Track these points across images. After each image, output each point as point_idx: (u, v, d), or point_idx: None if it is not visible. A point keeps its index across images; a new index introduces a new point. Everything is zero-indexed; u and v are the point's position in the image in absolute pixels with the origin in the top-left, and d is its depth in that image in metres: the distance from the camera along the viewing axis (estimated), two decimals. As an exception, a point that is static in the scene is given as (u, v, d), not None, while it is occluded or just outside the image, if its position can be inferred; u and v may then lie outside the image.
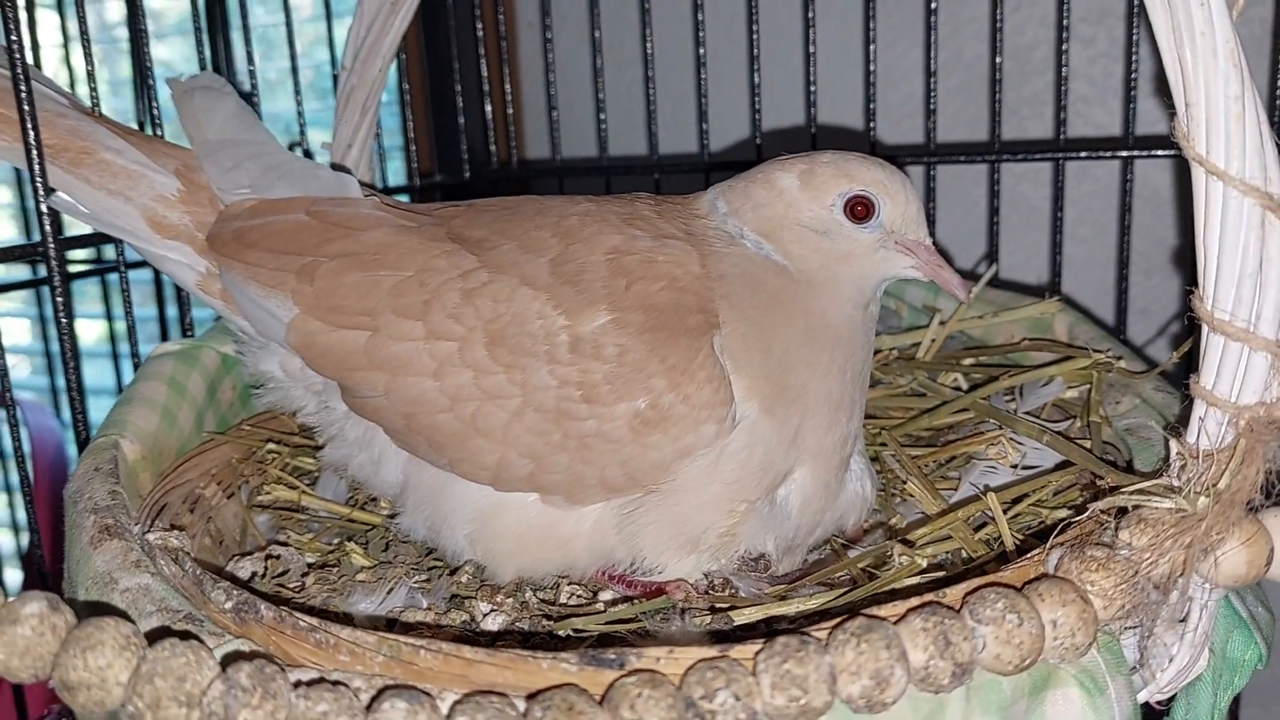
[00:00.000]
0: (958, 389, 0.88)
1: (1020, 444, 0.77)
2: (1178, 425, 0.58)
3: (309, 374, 0.74)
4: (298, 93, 1.11)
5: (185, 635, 0.48)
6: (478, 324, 0.68)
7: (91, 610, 0.54)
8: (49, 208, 0.78)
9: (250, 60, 1.08)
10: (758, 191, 0.74)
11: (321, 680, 0.46)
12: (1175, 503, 0.53)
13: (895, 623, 0.49)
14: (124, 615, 0.50)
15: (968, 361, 0.91)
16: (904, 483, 0.77)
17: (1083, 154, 1.03)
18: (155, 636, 0.47)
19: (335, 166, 0.95)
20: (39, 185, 0.76)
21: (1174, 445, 0.57)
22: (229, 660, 0.46)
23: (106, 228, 0.77)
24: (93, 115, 0.79)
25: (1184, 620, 0.58)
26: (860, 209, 0.72)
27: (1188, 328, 0.57)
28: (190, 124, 0.80)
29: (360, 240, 0.72)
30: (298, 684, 0.46)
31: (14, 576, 1.95)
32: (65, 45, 1.40)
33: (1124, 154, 1.02)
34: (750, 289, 0.71)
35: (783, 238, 0.73)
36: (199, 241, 0.76)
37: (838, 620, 0.49)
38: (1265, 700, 1.31)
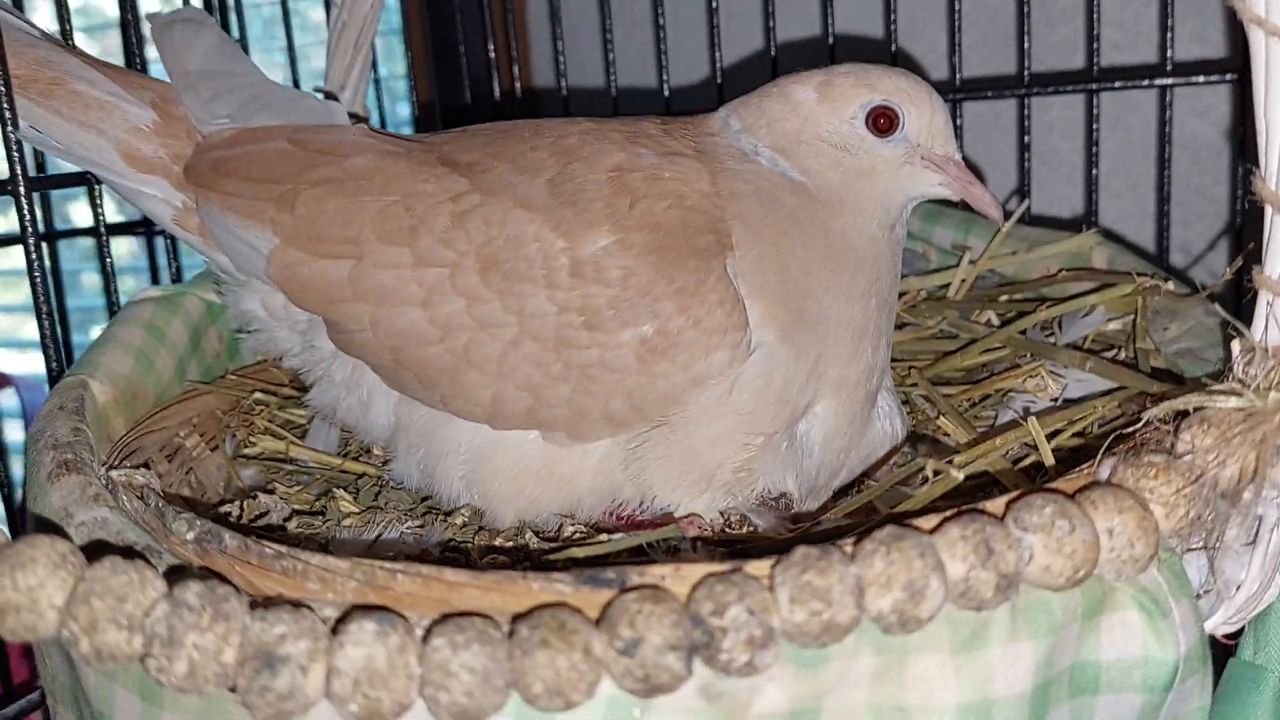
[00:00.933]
0: (991, 327, 0.82)
1: (1061, 375, 0.71)
2: (1239, 325, 0.51)
3: (292, 311, 0.70)
4: (290, 47, 1.06)
5: (130, 554, 0.42)
6: (469, 249, 0.63)
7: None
8: (19, 142, 0.73)
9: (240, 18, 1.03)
10: (772, 106, 0.69)
11: (280, 599, 0.41)
12: (1244, 399, 0.47)
13: (930, 532, 0.44)
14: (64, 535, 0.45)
15: (1002, 299, 0.85)
16: (936, 420, 0.71)
17: (1117, 84, 0.97)
18: (96, 554, 0.42)
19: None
20: (6, 117, 0.71)
21: (1237, 344, 0.51)
22: (176, 578, 0.41)
23: (79, 161, 0.73)
24: (65, 46, 0.75)
25: (1253, 543, 0.52)
26: (883, 121, 0.67)
27: (1242, 228, 0.51)
28: (170, 57, 0.75)
29: (344, 166, 0.67)
30: (254, 604, 0.41)
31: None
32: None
33: (1161, 82, 0.95)
34: (765, 208, 0.66)
35: (800, 154, 0.67)
36: (175, 175, 0.72)
37: (863, 530, 0.44)
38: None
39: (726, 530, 0.62)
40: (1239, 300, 0.51)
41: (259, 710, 0.39)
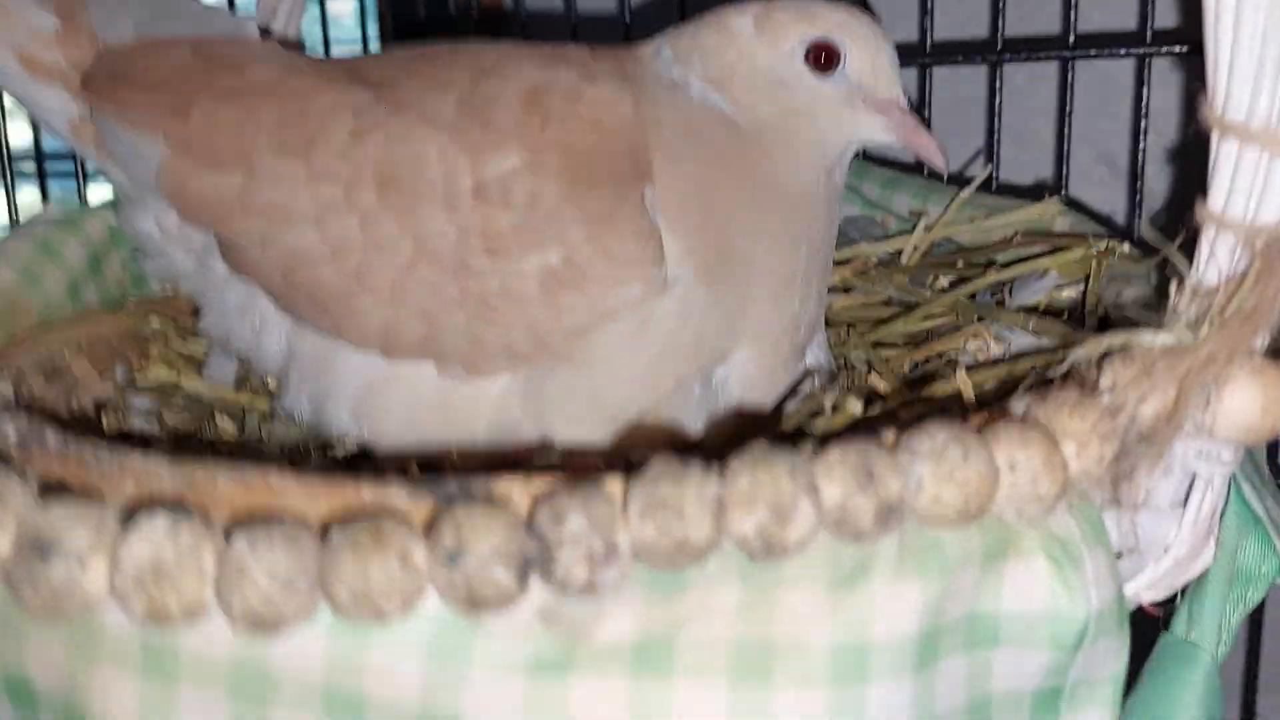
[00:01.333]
0: (942, 292, 0.77)
1: (1005, 338, 0.67)
2: (1180, 262, 0.47)
3: (186, 230, 0.66)
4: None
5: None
6: (367, 165, 0.59)
7: None
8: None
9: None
10: (708, 36, 0.64)
11: (67, 488, 0.37)
12: (1173, 334, 0.43)
13: (812, 455, 0.39)
14: None
15: (958, 264, 0.80)
16: (867, 379, 0.66)
17: (1092, 52, 0.93)
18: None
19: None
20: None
21: (1175, 282, 0.46)
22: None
23: (-25, 68, 0.69)
24: (-33, -51, 0.71)
25: (1184, 502, 0.48)
26: (824, 57, 0.63)
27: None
28: None
29: (244, 78, 0.63)
30: (42, 492, 0.37)
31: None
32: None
33: (1141, 50, 0.91)
34: (691, 140, 0.62)
35: (734, 88, 0.63)
36: (74, 83, 0.68)
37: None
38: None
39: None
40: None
41: (30, 603, 0.34)
